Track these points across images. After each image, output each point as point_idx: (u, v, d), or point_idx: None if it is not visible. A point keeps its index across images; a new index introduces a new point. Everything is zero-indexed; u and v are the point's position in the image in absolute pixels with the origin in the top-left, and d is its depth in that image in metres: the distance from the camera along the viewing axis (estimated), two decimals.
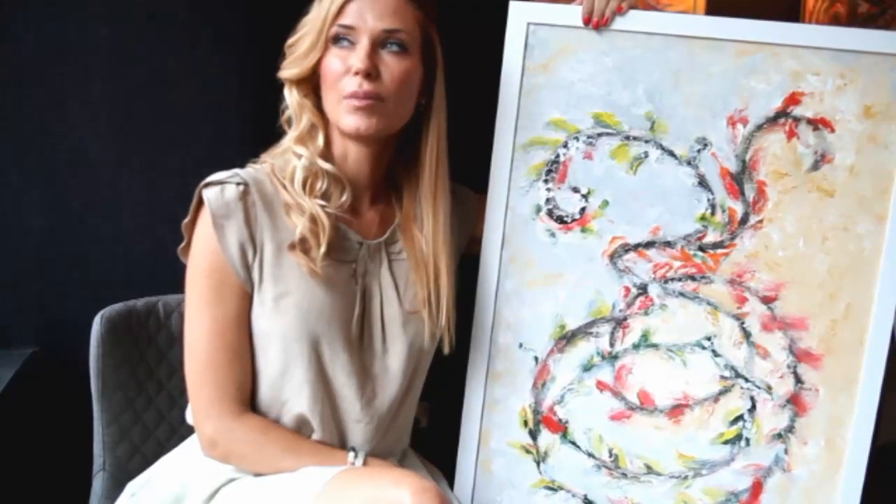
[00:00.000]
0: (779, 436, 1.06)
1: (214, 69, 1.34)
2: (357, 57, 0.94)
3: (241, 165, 1.02)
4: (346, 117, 0.96)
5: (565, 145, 1.06)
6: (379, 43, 0.95)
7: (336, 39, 0.96)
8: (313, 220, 0.96)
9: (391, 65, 0.95)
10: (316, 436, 1.00)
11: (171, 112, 1.34)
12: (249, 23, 1.32)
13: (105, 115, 1.32)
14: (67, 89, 1.31)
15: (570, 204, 1.07)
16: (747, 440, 1.06)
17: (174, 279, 1.02)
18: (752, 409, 1.06)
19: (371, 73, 0.94)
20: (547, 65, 1.05)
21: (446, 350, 1.05)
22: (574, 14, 1.04)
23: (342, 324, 0.99)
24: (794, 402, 1.05)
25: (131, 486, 1.06)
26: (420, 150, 1.02)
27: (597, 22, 1.03)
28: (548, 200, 1.07)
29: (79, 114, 1.32)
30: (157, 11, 1.31)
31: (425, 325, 1.03)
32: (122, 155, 1.33)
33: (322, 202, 0.97)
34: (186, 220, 0.98)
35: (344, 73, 0.95)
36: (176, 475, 1.02)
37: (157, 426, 1.19)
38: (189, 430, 1.05)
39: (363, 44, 0.94)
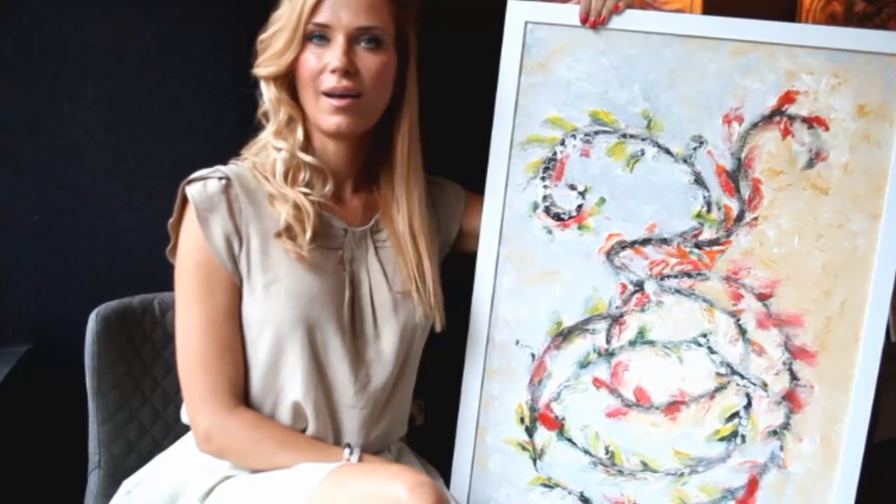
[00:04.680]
0: (774, 433, 1.06)
1: (210, 66, 1.34)
2: (333, 55, 0.95)
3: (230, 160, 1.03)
4: (327, 117, 0.97)
5: (562, 143, 1.07)
6: (354, 39, 0.96)
7: (311, 36, 0.96)
8: (297, 207, 0.97)
9: (367, 61, 0.96)
10: (310, 423, 1.00)
11: (166, 109, 1.34)
12: (245, 20, 1.32)
13: (100, 112, 1.32)
14: (63, 86, 1.31)
15: (566, 201, 1.07)
16: (743, 437, 1.06)
17: (169, 276, 1.02)
18: (748, 405, 1.06)
19: (349, 71, 0.95)
20: (544, 63, 1.06)
21: (438, 328, 1.06)
22: (571, 13, 1.04)
23: (334, 309, 0.99)
24: (790, 399, 1.05)
25: (127, 484, 1.06)
26: (394, 137, 1.04)
27: (594, 21, 1.03)
28: (545, 198, 1.08)
29: (74, 111, 1.31)
30: (152, 8, 1.31)
31: (416, 305, 1.04)
32: (118, 152, 1.33)
33: (305, 190, 0.98)
34: (172, 219, 0.99)
35: (320, 71, 0.96)
36: (172, 473, 1.02)
37: (152, 424, 1.18)
38: (184, 428, 1.05)
39: (339, 41, 0.95)
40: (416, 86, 1.03)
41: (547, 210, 1.08)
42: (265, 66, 0.99)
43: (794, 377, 1.05)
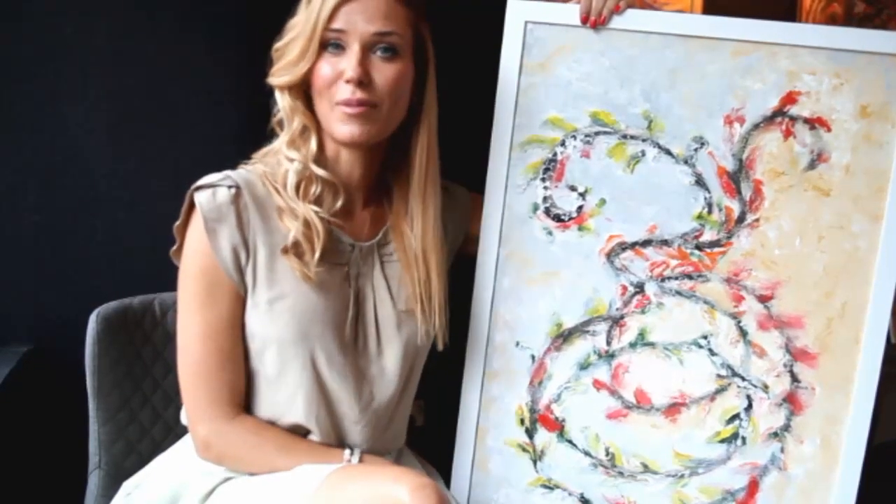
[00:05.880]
0: (775, 434, 1.06)
1: (211, 67, 1.34)
2: (348, 64, 0.93)
3: (238, 163, 1.02)
4: (340, 126, 0.95)
5: (563, 144, 1.06)
6: (370, 47, 0.94)
7: (326, 45, 0.94)
8: (307, 224, 0.96)
9: (383, 70, 0.94)
10: (313, 438, 1.00)
11: (167, 109, 1.33)
12: (247, 21, 1.32)
13: (101, 113, 1.32)
14: (64, 87, 1.31)
15: (567, 202, 1.07)
16: (744, 439, 1.06)
17: (170, 277, 1.01)
18: (749, 407, 1.06)
19: (363, 81, 0.93)
20: (544, 63, 1.06)
21: (440, 346, 1.05)
22: (572, 13, 1.04)
23: (336, 327, 0.98)
24: (791, 401, 1.05)
25: (127, 486, 1.06)
26: (410, 149, 1.02)
27: (594, 21, 1.03)
28: (545, 199, 1.07)
29: (75, 111, 1.31)
30: (154, 9, 1.31)
31: (419, 323, 1.02)
32: (118, 152, 1.33)
33: (315, 208, 0.97)
34: (178, 223, 0.98)
35: (335, 80, 0.94)
36: (171, 474, 1.02)
37: (152, 424, 1.18)
38: (184, 429, 1.05)
39: (354, 49, 0.93)
40: (435, 96, 1.01)
41: (547, 211, 1.07)
42: (280, 75, 0.97)
43: (794, 379, 1.05)
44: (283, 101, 0.99)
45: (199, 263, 0.96)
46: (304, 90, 0.98)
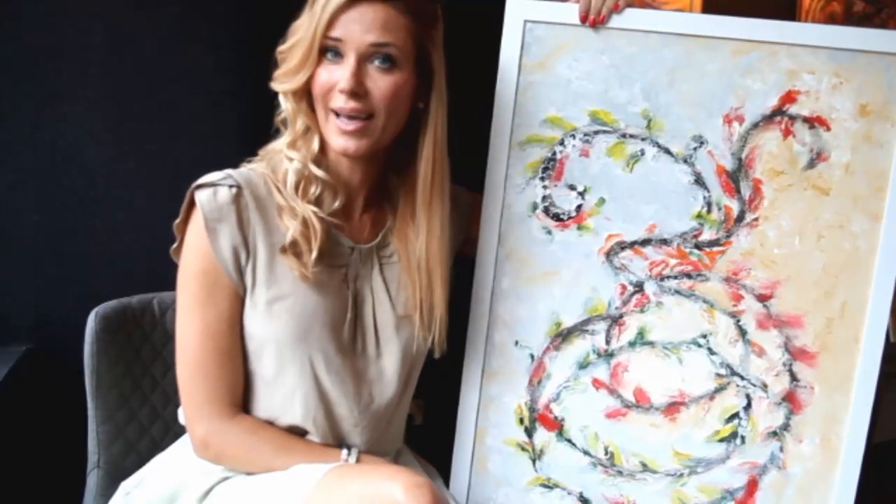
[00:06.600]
0: (774, 433, 1.06)
1: (211, 66, 1.34)
2: (343, 74, 0.92)
3: (237, 163, 1.02)
4: (335, 138, 0.95)
5: (562, 143, 1.06)
6: (366, 58, 0.93)
7: (325, 51, 0.94)
8: (305, 224, 0.95)
9: (378, 81, 0.93)
10: (312, 439, 1.00)
11: (166, 109, 1.34)
12: (246, 20, 1.33)
13: (101, 112, 1.32)
14: (63, 86, 1.31)
15: (566, 201, 1.07)
16: (743, 438, 1.06)
17: (169, 276, 1.01)
18: (748, 406, 1.06)
19: (357, 92, 0.92)
20: (544, 62, 1.06)
21: (437, 355, 1.05)
22: (571, 12, 1.04)
23: (335, 328, 0.98)
24: (790, 400, 1.05)
25: (125, 486, 1.06)
26: (416, 155, 1.01)
27: (593, 20, 1.03)
28: (544, 198, 1.07)
29: (75, 111, 1.32)
30: (152, 9, 1.31)
31: (416, 330, 1.02)
32: (118, 152, 1.33)
33: (314, 208, 0.96)
34: (178, 220, 0.98)
35: (331, 88, 0.94)
36: (170, 474, 1.02)
37: (151, 424, 1.18)
38: (183, 429, 1.05)
39: (350, 59, 0.92)
40: (443, 106, 0.99)
41: (546, 210, 1.07)
42: (282, 81, 0.97)
43: (794, 378, 1.05)
44: (285, 104, 0.99)
45: (199, 263, 0.96)
46: (306, 92, 0.98)
